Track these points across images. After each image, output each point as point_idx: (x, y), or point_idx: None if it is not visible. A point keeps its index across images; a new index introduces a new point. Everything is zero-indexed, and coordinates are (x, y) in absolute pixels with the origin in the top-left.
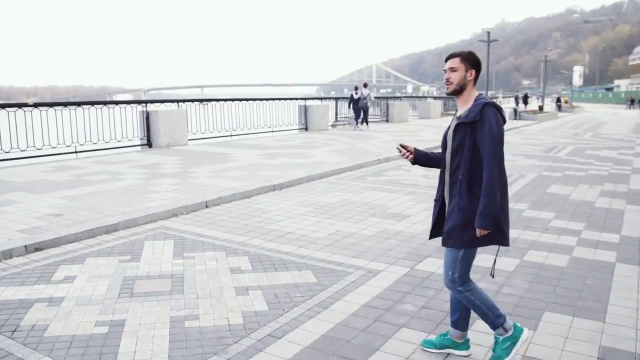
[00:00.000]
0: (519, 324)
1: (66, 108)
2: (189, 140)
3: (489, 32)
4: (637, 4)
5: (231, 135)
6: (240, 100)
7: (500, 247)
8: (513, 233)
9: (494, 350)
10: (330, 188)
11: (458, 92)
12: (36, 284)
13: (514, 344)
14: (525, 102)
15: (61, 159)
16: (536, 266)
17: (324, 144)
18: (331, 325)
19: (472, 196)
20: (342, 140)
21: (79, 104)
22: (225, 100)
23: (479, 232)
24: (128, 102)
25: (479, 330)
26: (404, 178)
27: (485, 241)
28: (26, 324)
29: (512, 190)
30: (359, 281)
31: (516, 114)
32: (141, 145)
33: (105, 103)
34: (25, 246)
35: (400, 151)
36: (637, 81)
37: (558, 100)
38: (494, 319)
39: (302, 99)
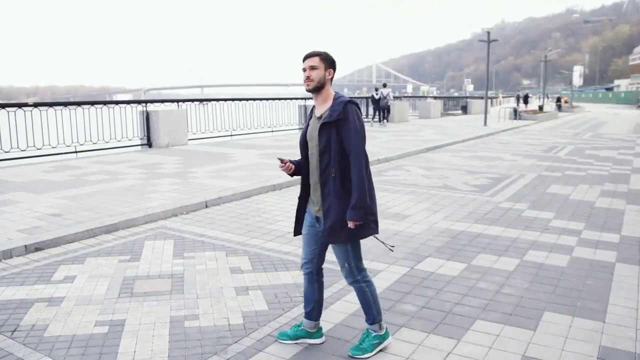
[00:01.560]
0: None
1: (66, 108)
2: (189, 140)
3: (489, 32)
4: (637, 4)
5: (231, 135)
6: (240, 100)
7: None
8: (513, 233)
9: (362, 342)
10: None
11: (318, 90)
12: (36, 283)
13: (380, 342)
14: (526, 102)
15: (61, 158)
16: (536, 266)
17: None
18: (331, 325)
19: (346, 193)
20: None
21: (79, 104)
22: (225, 100)
23: (352, 224)
24: (128, 102)
25: (479, 331)
26: (404, 178)
27: (364, 233)
28: (26, 324)
29: (512, 190)
30: None
31: (516, 114)
32: (141, 145)
33: (105, 103)
34: (25, 246)
35: (283, 164)
36: (637, 81)
37: (558, 100)
38: (376, 314)
39: (302, 99)
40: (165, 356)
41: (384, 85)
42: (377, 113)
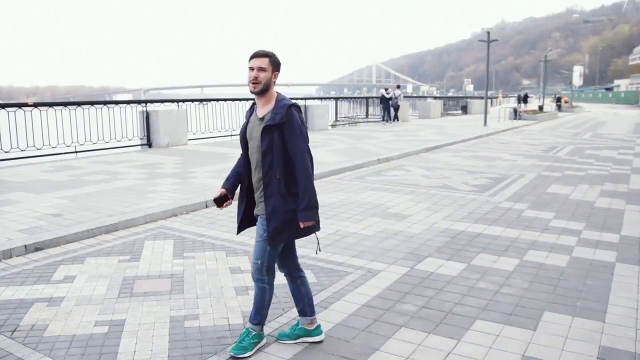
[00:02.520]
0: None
1: (66, 108)
2: (189, 140)
3: (488, 32)
4: (637, 4)
5: (231, 135)
6: (240, 100)
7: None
8: (513, 233)
9: (242, 340)
10: (330, 188)
11: (263, 92)
12: (36, 283)
13: (258, 342)
14: (525, 102)
15: (61, 158)
16: (536, 266)
17: (324, 144)
18: (331, 325)
19: (290, 195)
20: (342, 140)
21: (79, 104)
22: (225, 100)
23: (304, 225)
24: (128, 102)
25: (479, 331)
26: (404, 178)
27: (306, 232)
28: (26, 324)
29: (512, 190)
30: (358, 281)
31: (516, 114)
32: (141, 145)
33: (105, 103)
34: (25, 246)
35: (220, 204)
36: (637, 81)
37: (558, 100)
38: (263, 318)
39: (302, 99)
40: (165, 356)
41: (398, 87)
42: (385, 112)
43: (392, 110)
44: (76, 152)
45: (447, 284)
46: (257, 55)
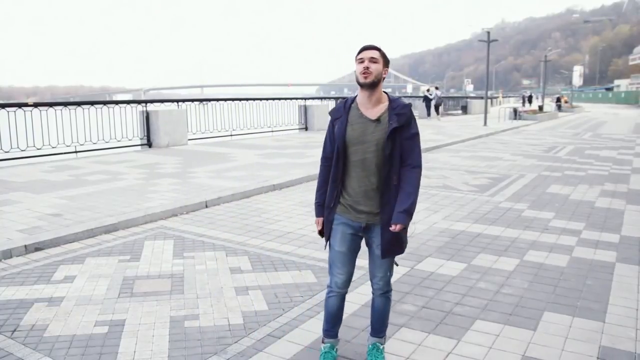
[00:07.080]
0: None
1: (66, 108)
2: (189, 140)
3: (489, 32)
4: (637, 4)
5: (231, 135)
6: (240, 100)
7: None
8: (513, 233)
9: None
10: None
11: (374, 85)
12: (36, 283)
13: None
14: (530, 102)
15: (61, 159)
16: (536, 266)
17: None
18: None
19: (396, 200)
20: None
21: (79, 104)
22: (225, 100)
23: (399, 228)
24: (128, 102)
25: (479, 331)
26: None
27: (406, 238)
28: (26, 324)
29: (511, 190)
30: (358, 281)
31: (516, 114)
32: (141, 145)
33: (105, 103)
34: (25, 246)
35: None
36: (637, 81)
37: (558, 100)
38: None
39: (302, 98)
40: (165, 356)
41: (437, 88)
42: (429, 109)
43: (437, 107)
44: (76, 152)
45: (447, 284)
46: (368, 47)
